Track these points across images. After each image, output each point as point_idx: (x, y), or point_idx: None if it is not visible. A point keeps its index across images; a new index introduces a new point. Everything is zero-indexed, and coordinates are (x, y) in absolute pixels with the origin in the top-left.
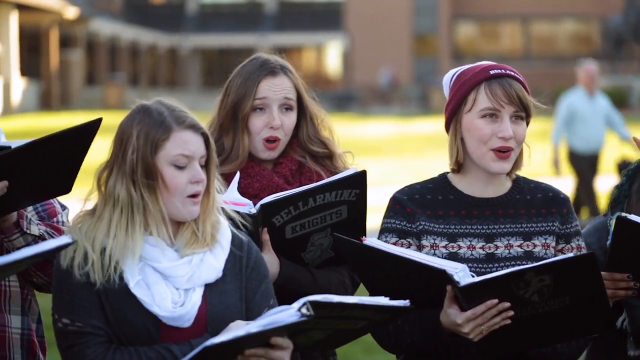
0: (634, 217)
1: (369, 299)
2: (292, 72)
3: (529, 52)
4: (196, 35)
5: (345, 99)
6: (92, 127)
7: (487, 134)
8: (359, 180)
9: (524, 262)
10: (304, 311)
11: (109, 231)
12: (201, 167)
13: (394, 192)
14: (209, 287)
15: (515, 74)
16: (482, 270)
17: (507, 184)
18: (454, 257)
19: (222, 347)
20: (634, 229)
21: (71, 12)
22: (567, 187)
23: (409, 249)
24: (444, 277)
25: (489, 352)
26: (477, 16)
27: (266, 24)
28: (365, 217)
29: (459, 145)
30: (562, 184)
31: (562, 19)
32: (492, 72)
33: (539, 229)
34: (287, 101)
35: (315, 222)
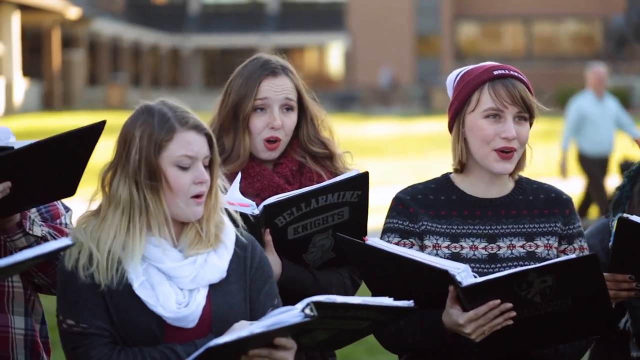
0: (635, 217)
1: (373, 299)
2: (292, 72)
3: (531, 53)
4: (198, 35)
5: (347, 99)
6: (96, 130)
7: (490, 134)
8: (362, 181)
9: (527, 263)
10: (308, 312)
11: (113, 232)
12: (205, 167)
13: (396, 192)
14: (213, 288)
15: (519, 75)
16: (485, 270)
17: (509, 185)
18: (456, 257)
19: (225, 348)
20: (636, 230)
21: (73, 13)
22: (573, 189)
23: (412, 249)
24: (446, 277)
25: (491, 353)
26: (479, 16)
27: (268, 24)
28: (366, 218)
29: (462, 145)
30: (568, 186)
31: (564, 19)
32: (495, 73)
33: (541, 230)
34: (288, 101)
35: (317, 223)
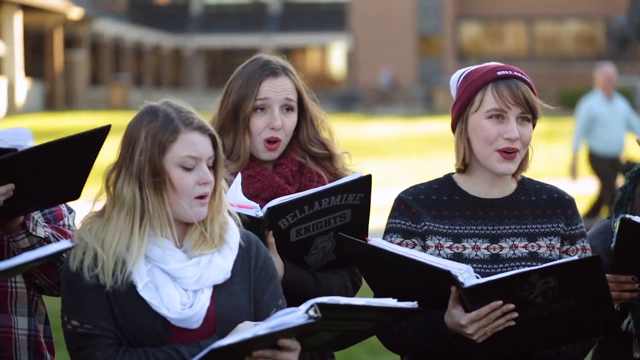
0: (638, 218)
1: (377, 300)
2: (293, 73)
3: (533, 53)
4: (200, 35)
5: (349, 99)
6: (100, 134)
7: (493, 135)
8: (365, 184)
9: (529, 263)
10: (312, 313)
11: (117, 233)
12: (209, 168)
13: (398, 192)
14: (217, 288)
15: (522, 76)
16: (487, 270)
17: (512, 185)
18: (458, 257)
19: (229, 350)
20: (638, 231)
21: (75, 13)
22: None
23: (414, 249)
24: (449, 278)
25: (493, 354)
26: (481, 16)
27: (270, 24)
28: (368, 220)
29: (465, 145)
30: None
31: (566, 19)
32: (499, 73)
33: (543, 230)
34: (288, 102)
35: (319, 225)
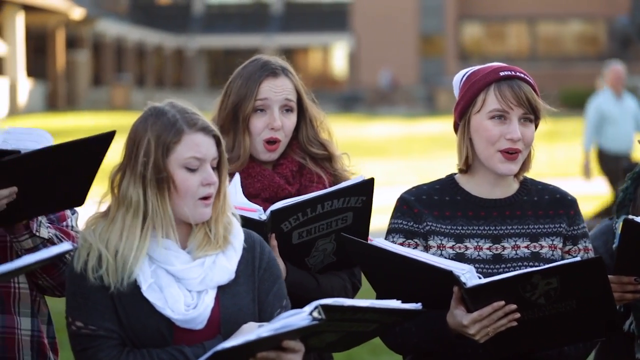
0: None
1: (381, 302)
2: (292, 73)
3: (535, 53)
4: (202, 36)
5: (351, 99)
6: (104, 140)
7: (496, 135)
8: (367, 187)
9: (531, 263)
10: (316, 315)
11: (122, 234)
12: (213, 169)
13: (400, 193)
14: (221, 289)
15: (525, 76)
16: (489, 271)
17: (514, 186)
18: (460, 257)
19: (232, 352)
20: None
21: (77, 13)
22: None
23: (416, 249)
24: (451, 278)
25: (495, 354)
26: (483, 17)
27: (272, 24)
28: (369, 223)
29: (467, 145)
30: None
31: (568, 19)
32: (502, 74)
33: (546, 231)
34: (287, 102)
35: (321, 228)
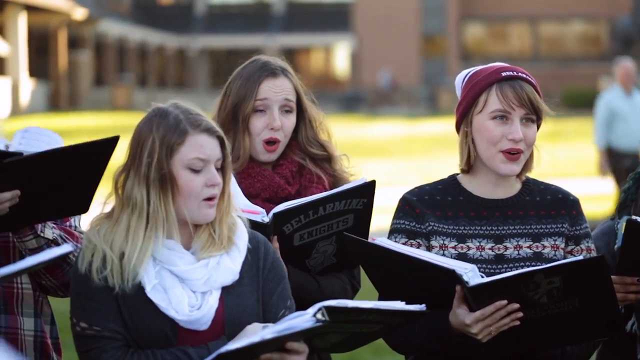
0: None
1: (385, 303)
2: (292, 74)
3: (537, 53)
4: (204, 36)
5: (353, 99)
6: (108, 145)
7: (497, 136)
8: (369, 189)
9: (533, 263)
10: (319, 316)
11: (126, 235)
12: (217, 170)
13: (402, 193)
14: (225, 290)
15: (527, 77)
16: (491, 271)
17: (516, 186)
18: (463, 257)
19: (236, 354)
20: None
21: (79, 13)
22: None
23: (419, 249)
24: (454, 277)
25: (497, 353)
26: (485, 17)
27: (274, 24)
28: (369, 225)
29: (469, 145)
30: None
31: (571, 19)
32: (503, 74)
33: (548, 231)
34: (287, 102)
35: (322, 230)
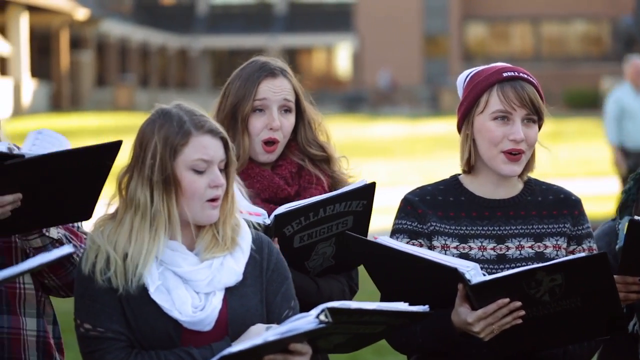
0: None
1: (388, 304)
2: (290, 74)
3: (540, 53)
4: (206, 36)
5: (355, 99)
6: (110, 149)
7: (499, 136)
8: (369, 191)
9: (535, 264)
10: (322, 318)
11: (129, 236)
12: (220, 171)
13: (403, 193)
14: (229, 291)
15: (528, 77)
16: (493, 271)
17: (518, 186)
18: (464, 258)
19: (239, 356)
20: None
21: (81, 14)
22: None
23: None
24: (456, 275)
25: (500, 352)
26: (487, 17)
27: (276, 25)
28: (368, 227)
29: (470, 146)
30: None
31: (573, 19)
32: (505, 75)
33: (550, 231)
34: (286, 103)
35: (322, 231)
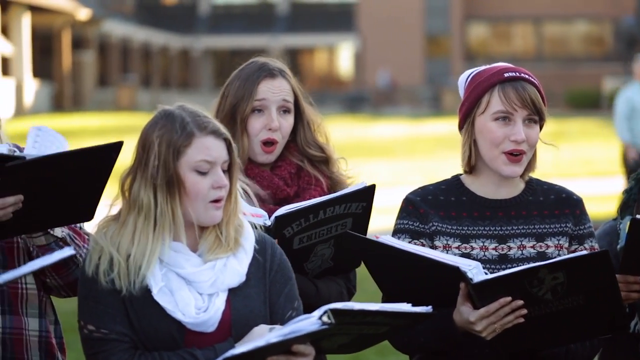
0: None
1: (390, 305)
2: (290, 75)
3: (541, 53)
4: (208, 36)
5: (356, 99)
6: (111, 150)
7: (500, 137)
8: (369, 194)
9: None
10: (325, 319)
11: (133, 237)
12: (224, 171)
13: (405, 193)
14: (232, 292)
15: (529, 77)
16: (495, 271)
17: (520, 186)
18: (466, 258)
19: (242, 358)
20: None
21: (83, 14)
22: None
23: None
24: (458, 274)
25: (502, 351)
26: (489, 17)
27: (278, 25)
28: (367, 229)
29: (471, 146)
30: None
31: (575, 20)
32: (506, 75)
33: (551, 230)
34: (285, 103)
35: (321, 233)
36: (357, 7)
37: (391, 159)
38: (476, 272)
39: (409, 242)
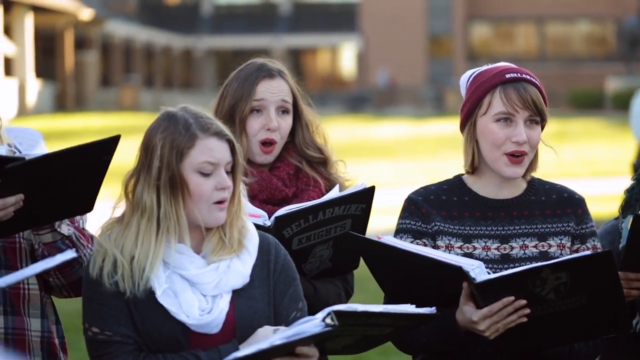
0: None
1: (394, 307)
2: (288, 76)
3: (544, 53)
4: (211, 36)
5: (359, 100)
6: (109, 144)
7: (501, 138)
8: (368, 195)
9: (540, 263)
10: (329, 321)
11: (136, 239)
12: (227, 173)
13: (407, 193)
14: (236, 293)
15: (531, 78)
16: (498, 271)
17: (522, 186)
18: (469, 258)
19: None
20: None
21: (86, 14)
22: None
23: None
24: (460, 274)
25: (505, 350)
26: (491, 17)
27: (280, 25)
28: (365, 230)
29: (473, 147)
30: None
31: (577, 20)
32: (507, 76)
33: (554, 230)
34: (284, 104)
35: (320, 234)
36: (360, 7)
37: (394, 159)
38: (479, 271)
39: (411, 242)
